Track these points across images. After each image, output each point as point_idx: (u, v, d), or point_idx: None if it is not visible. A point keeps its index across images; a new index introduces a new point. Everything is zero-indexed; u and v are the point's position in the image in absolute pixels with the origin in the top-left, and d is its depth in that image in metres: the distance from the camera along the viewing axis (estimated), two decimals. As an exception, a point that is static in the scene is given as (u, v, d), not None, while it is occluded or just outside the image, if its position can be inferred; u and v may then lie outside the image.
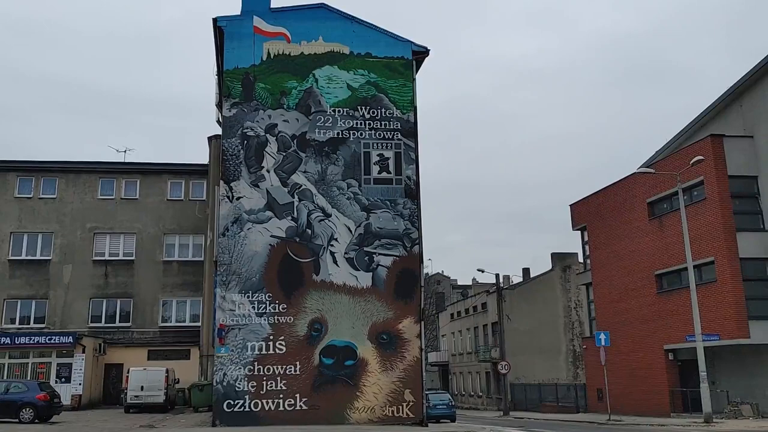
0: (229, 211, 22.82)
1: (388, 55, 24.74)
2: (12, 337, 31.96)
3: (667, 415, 29.27)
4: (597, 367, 32.94)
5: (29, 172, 37.62)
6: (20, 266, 36.42)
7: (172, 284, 37.43)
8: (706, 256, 28.53)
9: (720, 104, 32.13)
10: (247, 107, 23.74)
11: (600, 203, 37.01)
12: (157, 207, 38.15)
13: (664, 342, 31.01)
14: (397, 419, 21.72)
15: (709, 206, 28.75)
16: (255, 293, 22.16)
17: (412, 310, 22.85)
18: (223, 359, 21.59)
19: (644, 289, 32.77)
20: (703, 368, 24.85)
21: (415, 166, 24.08)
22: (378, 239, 23.23)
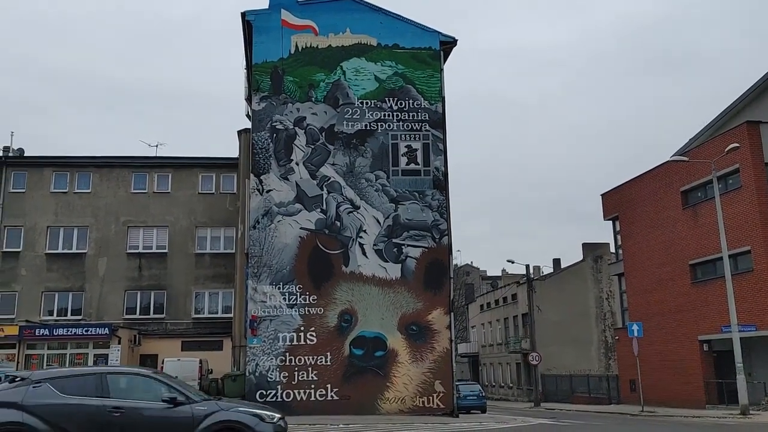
0: (260, 203, 23.07)
1: (415, 46, 24.69)
2: (50, 328, 32.77)
3: (702, 407, 28.84)
4: (629, 358, 32.57)
5: (64, 167, 38.38)
6: (57, 259, 37.26)
7: (205, 276, 37.94)
8: (742, 246, 27.96)
9: (755, 90, 31.37)
10: (275, 101, 23.91)
11: (632, 193, 36.48)
12: (188, 200, 38.65)
13: (699, 333, 30.52)
14: (427, 410, 21.80)
15: (745, 194, 28.15)
16: (286, 285, 22.39)
17: (442, 302, 22.86)
18: (255, 350, 21.89)
19: (678, 279, 32.26)
20: (740, 359, 24.42)
21: (443, 157, 24.03)
22: (406, 231, 23.27)
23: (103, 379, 10.29)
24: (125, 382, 10.61)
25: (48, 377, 10.25)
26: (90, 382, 10.23)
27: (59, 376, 10.33)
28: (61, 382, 10.15)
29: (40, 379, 10.16)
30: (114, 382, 10.38)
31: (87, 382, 10.24)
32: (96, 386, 10.15)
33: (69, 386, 10.11)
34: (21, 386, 10.01)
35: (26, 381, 10.15)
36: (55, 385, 10.07)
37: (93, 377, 10.36)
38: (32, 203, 37.62)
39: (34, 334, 32.28)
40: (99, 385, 10.19)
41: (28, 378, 10.25)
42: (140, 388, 10.49)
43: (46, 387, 9.99)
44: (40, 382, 10.08)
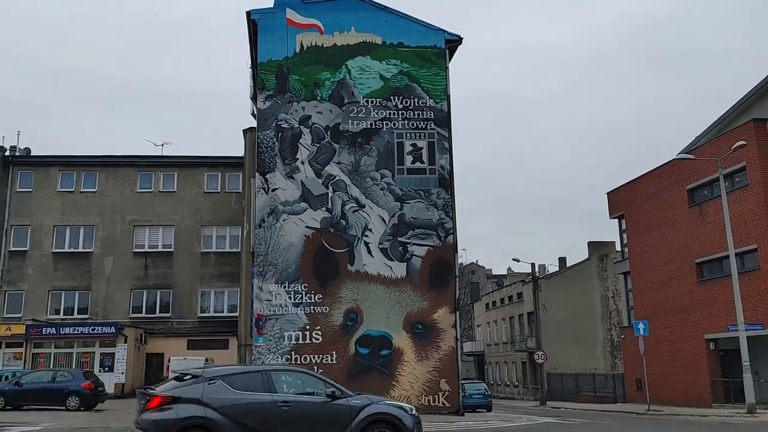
0: (265, 202, 23.09)
1: (420, 45, 24.66)
2: (57, 327, 32.91)
3: (708, 405, 28.75)
4: (635, 357, 32.48)
5: (71, 167, 38.52)
6: (63, 258, 37.40)
7: (210, 275, 38.04)
8: (748, 244, 27.85)
9: (762, 87, 31.23)
10: (281, 99, 23.93)
11: (638, 191, 36.37)
12: (194, 199, 38.75)
13: (705, 331, 30.43)
14: (433, 408, 21.80)
15: (752, 192, 28.03)
16: (291, 283, 22.42)
17: (447, 300, 22.85)
18: (261, 349, 21.92)
19: (684, 278, 32.16)
20: (746, 358, 24.33)
21: (448, 156, 24.01)
22: (412, 229, 23.26)
23: (268, 376, 10.96)
24: (287, 378, 11.32)
25: (220, 374, 10.82)
26: (257, 379, 10.86)
27: (229, 374, 10.92)
28: (231, 379, 10.72)
29: (213, 377, 10.68)
30: (277, 379, 11.04)
31: (254, 378, 10.89)
32: (262, 382, 10.79)
33: (239, 382, 10.70)
34: (197, 383, 10.52)
35: (200, 378, 10.62)
36: (227, 381, 10.63)
37: (259, 374, 11.05)
38: (38, 202, 37.78)
39: (41, 333, 32.44)
40: (265, 381, 10.83)
41: (201, 375, 10.72)
42: (300, 383, 11.27)
43: (220, 383, 10.56)
44: (214, 379, 10.60)
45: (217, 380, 10.59)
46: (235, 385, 10.63)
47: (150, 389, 10.71)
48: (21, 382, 23.78)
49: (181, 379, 10.79)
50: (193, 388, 10.41)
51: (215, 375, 10.75)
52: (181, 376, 10.96)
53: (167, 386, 10.72)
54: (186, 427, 9.98)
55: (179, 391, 10.40)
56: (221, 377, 10.71)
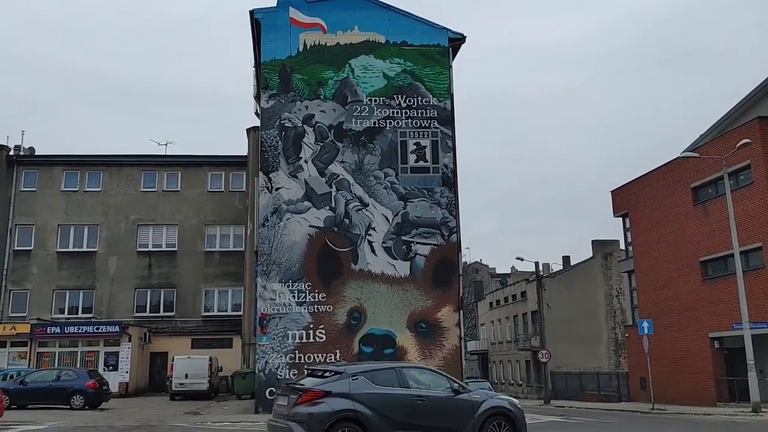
0: (269, 201, 23.10)
1: (424, 43, 24.64)
2: (62, 326, 33.00)
3: (713, 404, 28.67)
4: (640, 356, 32.41)
5: (75, 166, 38.62)
6: (68, 258, 37.51)
7: (214, 274, 38.10)
8: (753, 242, 27.76)
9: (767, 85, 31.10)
10: (284, 98, 23.94)
11: (642, 189, 36.28)
12: (197, 198, 38.82)
13: (710, 330, 30.35)
14: (437, 407, 21.79)
15: (757, 190, 27.94)
16: (295, 282, 22.42)
17: (451, 299, 22.84)
18: (264, 347, 21.94)
19: (689, 276, 32.07)
20: (751, 357, 24.26)
21: (452, 154, 23.98)
22: (415, 228, 23.24)
23: (400, 373, 11.83)
24: (416, 374, 12.15)
25: (361, 371, 11.60)
26: (392, 375, 11.71)
27: (369, 370, 11.73)
28: (372, 375, 11.56)
29: (356, 373, 11.47)
30: (409, 375, 11.90)
31: (390, 375, 11.73)
32: (397, 378, 11.66)
33: (378, 378, 11.53)
34: (342, 379, 11.27)
35: (344, 374, 11.37)
36: (368, 377, 11.45)
37: (393, 371, 11.90)
38: (43, 202, 37.89)
39: (46, 332, 32.52)
40: (399, 377, 11.70)
41: (345, 372, 11.45)
42: (428, 380, 12.14)
43: (363, 379, 11.38)
44: (357, 375, 11.39)
45: (360, 376, 11.39)
46: (375, 381, 11.42)
47: (300, 385, 11.39)
48: (26, 381, 23.85)
49: (322, 376, 11.51)
50: (341, 384, 11.17)
51: (358, 371, 11.51)
52: (321, 372, 11.73)
53: (315, 382, 11.38)
54: (339, 419, 10.76)
55: (329, 386, 11.10)
56: (363, 373, 11.50)
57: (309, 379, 11.79)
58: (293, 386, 11.44)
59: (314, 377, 11.68)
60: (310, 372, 12.20)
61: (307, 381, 11.64)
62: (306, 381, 11.67)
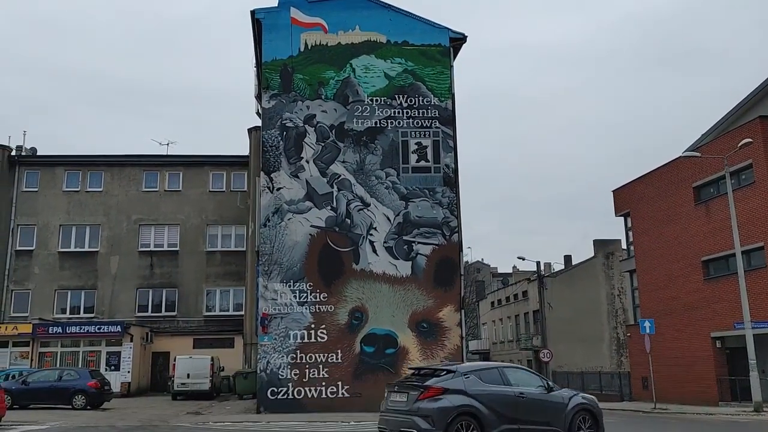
0: (270, 201, 23.10)
1: (425, 43, 24.62)
2: (64, 326, 33.03)
3: (714, 403, 28.64)
4: (641, 355, 32.38)
5: (76, 166, 38.65)
6: (69, 258, 37.53)
7: (215, 274, 38.12)
8: (755, 242, 27.73)
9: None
10: (285, 98, 23.94)
11: (644, 189, 36.24)
12: (199, 198, 38.83)
13: (712, 329, 30.32)
14: (438, 407, 21.79)
15: (758, 190, 27.91)
16: (296, 282, 22.43)
17: (452, 299, 22.83)
18: (266, 347, 21.94)
19: (690, 276, 32.04)
20: (753, 356, 24.24)
21: (453, 154, 23.97)
22: (417, 228, 23.24)
23: (502, 372, 12.94)
24: (514, 373, 13.18)
25: (471, 370, 12.69)
26: (496, 374, 12.79)
27: (477, 369, 12.85)
28: (479, 374, 12.61)
29: (467, 372, 12.55)
30: (509, 374, 12.95)
31: (494, 374, 12.81)
32: (500, 377, 12.72)
33: (485, 377, 12.57)
34: (456, 377, 12.28)
35: (457, 373, 12.38)
36: (478, 376, 12.47)
37: (496, 370, 13.05)
38: (45, 202, 37.92)
39: (48, 332, 32.55)
40: (501, 376, 12.78)
41: (457, 371, 12.47)
42: (524, 378, 13.21)
43: (473, 378, 12.39)
44: (468, 374, 12.43)
45: (470, 375, 12.43)
46: (483, 379, 12.47)
47: (421, 383, 12.22)
48: (27, 381, 23.87)
49: (433, 375, 12.44)
50: (456, 381, 12.17)
51: (468, 370, 12.59)
52: (431, 371, 12.68)
53: (433, 380, 12.26)
54: (459, 413, 11.74)
55: (446, 384, 12.09)
56: (472, 372, 12.56)
57: (414, 378, 12.75)
58: (413, 384, 12.29)
59: (422, 376, 12.58)
60: (415, 371, 13.23)
61: (415, 379, 12.54)
62: (413, 379, 12.61)
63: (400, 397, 12.24)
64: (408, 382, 12.63)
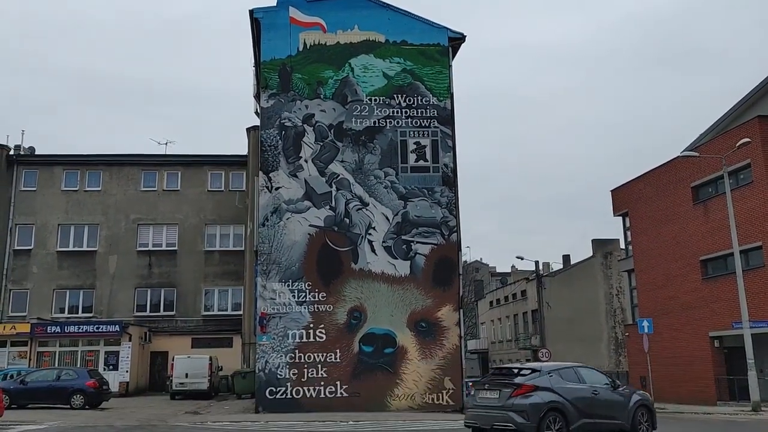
0: (269, 201, 23.09)
1: (423, 42, 24.62)
2: (62, 326, 33.00)
3: (713, 403, 28.68)
4: (640, 355, 32.42)
5: (75, 166, 38.62)
6: (68, 257, 37.51)
7: (214, 274, 38.10)
8: (753, 241, 27.77)
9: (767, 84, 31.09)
10: (284, 98, 23.92)
11: (642, 188, 36.28)
12: (198, 198, 38.82)
13: (710, 329, 30.36)
14: (437, 406, 21.81)
15: (757, 189, 27.94)
16: (295, 282, 22.42)
17: (451, 298, 22.84)
18: (264, 347, 21.93)
19: (689, 275, 32.08)
20: (751, 356, 24.28)
21: (452, 154, 23.97)
22: (415, 227, 23.24)
23: (577, 371, 14.13)
24: (586, 372, 14.35)
25: (553, 369, 13.82)
26: (572, 373, 13.94)
27: (557, 368, 13.99)
28: (560, 372, 13.74)
29: (551, 370, 13.65)
30: (582, 373, 14.14)
31: (570, 372, 13.96)
32: (576, 376, 13.89)
33: (564, 375, 13.69)
34: (543, 375, 13.37)
35: (542, 372, 13.46)
36: (558, 374, 13.58)
37: (572, 369, 14.20)
38: (43, 201, 37.90)
39: (46, 332, 32.52)
40: (576, 374, 13.96)
41: (542, 370, 13.53)
42: (594, 376, 14.37)
43: (556, 376, 13.49)
44: (551, 373, 13.51)
45: (553, 373, 13.54)
46: (564, 377, 13.60)
47: (510, 381, 13.19)
48: (26, 380, 23.85)
49: (518, 373, 13.48)
50: (543, 379, 13.24)
51: (551, 369, 13.73)
52: (517, 370, 13.77)
53: (523, 378, 13.25)
54: (549, 408, 12.80)
55: (536, 381, 13.13)
56: (555, 371, 13.69)
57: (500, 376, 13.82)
58: (505, 381, 13.28)
59: (507, 375, 13.68)
60: (498, 371, 14.47)
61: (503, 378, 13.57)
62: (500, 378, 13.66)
63: (492, 394, 13.22)
64: (497, 380, 13.57)
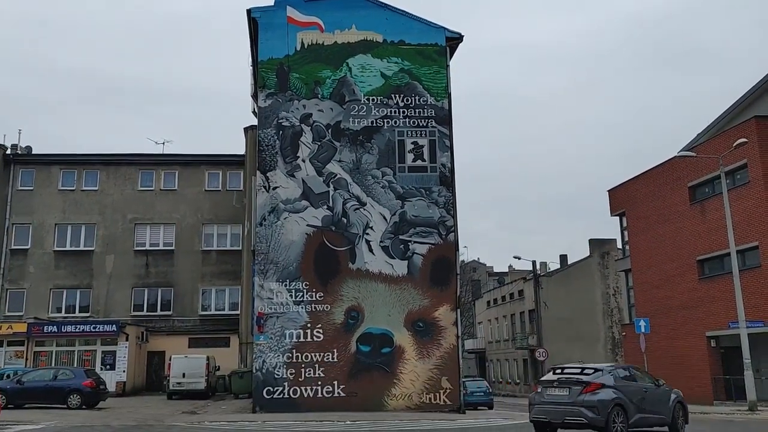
0: (266, 200, 23.07)
1: (421, 42, 24.60)
2: (59, 325, 32.95)
3: (710, 403, 28.75)
4: (637, 355, 32.49)
5: (72, 165, 38.57)
6: (65, 257, 37.46)
7: (211, 273, 38.07)
8: (749, 241, 27.86)
9: (764, 84, 31.18)
10: (281, 97, 23.90)
11: (639, 188, 36.35)
12: (195, 197, 38.78)
13: (707, 329, 30.44)
14: (434, 406, 21.81)
15: (753, 190, 28.03)
16: (292, 282, 22.40)
17: (448, 298, 22.84)
18: (262, 347, 21.91)
19: (686, 275, 32.16)
20: (747, 355, 24.34)
21: (449, 154, 23.97)
22: (413, 227, 23.23)
23: (630, 370, 15.67)
24: (635, 372, 15.68)
25: (612, 369, 15.08)
26: (626, 372, 15.34)
27: (615, 368, 15.27)
28: (618, 371, 15.08)
29: (611, 370, 14.93)
30: (633, 372, 15.59)
31: (625, 372, 15.36)
32: (629, 374, 15.28)
33: (621, 374, 14.98)
34: (605, 374, 14.53)
35: (605, 371, 14.63)
36: (618, 373, 14.88)
37: (627, 369, 15.72)
38: (40, 201, 37.84)
39: (43, 331, 32.47)
40: (629, 373, 15.34)
41: (604, 370, 14.72)
42: (641, 376, 15.71)
43: (616, 375, 14.74)
44: (611, 372, 14.77)
45: (613, 372, 14.80)
46: (620, 376, 14.84)
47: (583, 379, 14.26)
48: (22, 380, 23.80)
49: (581, 373, 14.59)
50: (606, 378, 14.40)
51: (611, 369, 15.01)
52: (580, 370, 14.83)
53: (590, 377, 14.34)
54: (614, 404, 13.95)
55: (602, 380, 14.27)
56: (614, 370, 14.98)
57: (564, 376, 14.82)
58: (574, 380, 14.37)
59: (571, 375, 14.69)
60: (559, 370, 15.37)
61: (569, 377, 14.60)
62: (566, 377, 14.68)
63: (561, 392, 14.33)
64: (566, 378, 14.62)
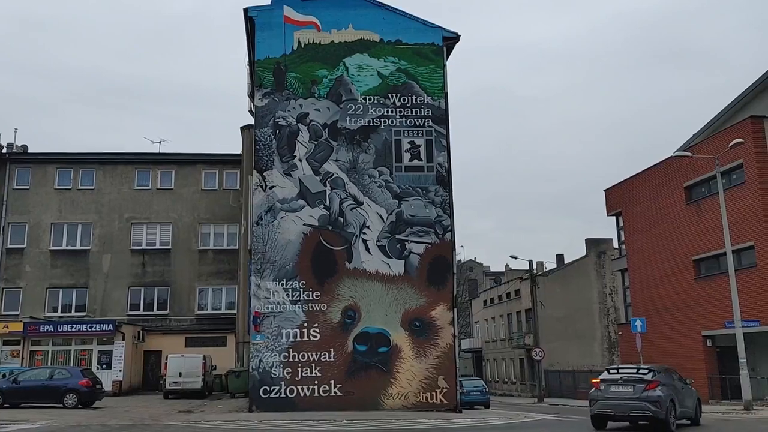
0: (263, 200, 23.06)
1: (418, 42, 24.62)
2: (55, 325, 32.90)
3: (705, 402, 28.79)
4: (633, 354, 32.55)
5: (68, 164, 38.48)
6: (61, 256, 37.38)
7: (208, 272, 38.04)
8: (745, 241, 27.93)
9: (760, 85, 31.27)
10: (278, 97, 23.88)
11: (635, 188, 36.42)
12: (192, 197, 38.73)
13: (702, 328, 30.52)
14: (431, 405, 21.83)
15: (749, 190, 28.10)
16: (289, 281, 22.40)
17: (445, 297, 22.86)
18: (258, 346, 21.91)
19: (682, 275, 32.23)
20: (743, 355, 24.41)
21: (446, 153, 23.98)
22: (410, 227, 23.25)
23: (672, 370, 17.79)
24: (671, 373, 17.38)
25: (663, 369, 17.08)
26: (670, 372, 17.34)
27: (664, 369, 17.20)
28: (666, 371, 17.01)
29: (662, 370, 16.85)
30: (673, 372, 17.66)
31: (670, 371, 17.38)
32: (672, 374, 17.31)
33: (668, 374, 16.92)
34: (659, 374, 16.41)
35: (656, 371, 16.43)
36: (664, 374, 16.66)
37: (671, 369, 17.74)
38: (36, 200, 37.76)
39: (39, 331, 32.42)
40: (672, 373, 17.33)
41: (657, 370, 16.54)
42: (669, 374, 17.15)
43: (664, 374, 16.70)
44: (660, 371, 16.57)
45: (661, 372, 16.62)
46: (668, 376, 16.74)
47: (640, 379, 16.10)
48: (18, 379, 23.75)
49: (637, 372, 16.47)
50: (662, 377, 16.36)
51: (662, 369, 16.90)
52: (636, 369, 16.74)
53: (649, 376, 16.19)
54: (670, 399, 15.93)
55: (659, 378, 16.15)
56: (664, 370, 16.93)
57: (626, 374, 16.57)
58: (637, 378, 16.11)
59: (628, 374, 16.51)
60: (615, 370, 17.27)
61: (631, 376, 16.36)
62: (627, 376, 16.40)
63: (625, 389, 16.07)
64: (629, 376, 16.32)
